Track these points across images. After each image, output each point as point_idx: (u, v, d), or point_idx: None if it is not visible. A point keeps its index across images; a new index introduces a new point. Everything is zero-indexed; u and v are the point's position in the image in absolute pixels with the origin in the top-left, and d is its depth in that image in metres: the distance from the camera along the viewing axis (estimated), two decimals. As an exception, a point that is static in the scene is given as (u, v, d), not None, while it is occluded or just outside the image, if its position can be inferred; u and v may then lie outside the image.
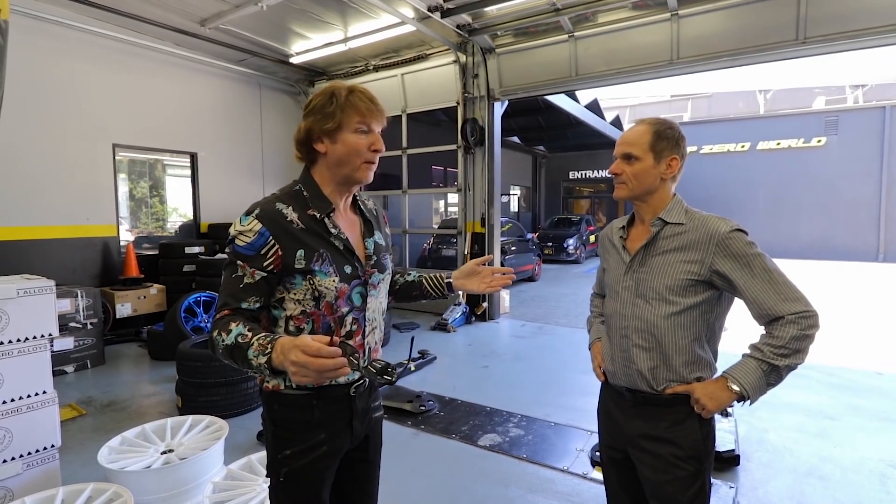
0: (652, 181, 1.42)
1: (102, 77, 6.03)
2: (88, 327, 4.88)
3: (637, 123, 1.47)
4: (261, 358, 1.02)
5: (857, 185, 15.09)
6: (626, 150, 1.44)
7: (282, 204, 1.21)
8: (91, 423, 3.60)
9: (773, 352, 1.26)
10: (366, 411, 1.36)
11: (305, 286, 1.20)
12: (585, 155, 19.09)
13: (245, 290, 1.16)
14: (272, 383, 1.25)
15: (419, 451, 3.17)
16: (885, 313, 7.72)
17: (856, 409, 3.85)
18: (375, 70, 7.61)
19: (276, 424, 1.27)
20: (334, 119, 1.20)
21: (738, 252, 1.30)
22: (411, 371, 4.64)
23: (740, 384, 1.28)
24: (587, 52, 5.97)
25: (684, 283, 1.35)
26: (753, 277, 1.29)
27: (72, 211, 5.85)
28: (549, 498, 2.62)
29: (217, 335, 1.11)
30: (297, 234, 1.19)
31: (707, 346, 1.41)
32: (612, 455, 1.56)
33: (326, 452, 1.27)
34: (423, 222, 11.90)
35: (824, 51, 4.87)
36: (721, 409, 1.34)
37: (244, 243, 1.16)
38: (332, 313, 1.23)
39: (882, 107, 15.00)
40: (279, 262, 1.17)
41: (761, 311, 1.30)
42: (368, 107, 1.21)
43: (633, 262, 1.45)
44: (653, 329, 1.39)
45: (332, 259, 1.22)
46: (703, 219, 1.38)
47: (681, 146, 1.43)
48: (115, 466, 2.42)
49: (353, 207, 1.37)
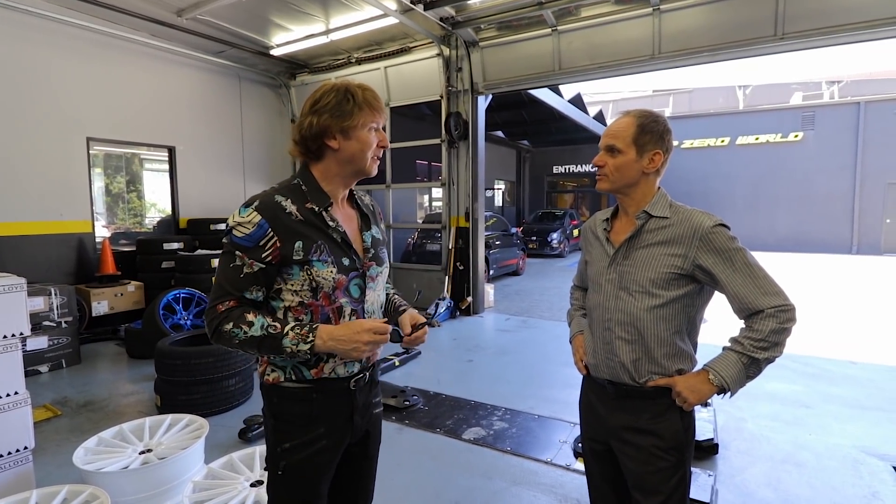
0: (633, 175, 1.42)
1: (76, 68, 5.85)
2: (63, 326, 4.76)
3: (623, 115, 1.46)
4: (302, 346, 1.15)
5: (833, 179, 15.47)
6: (609, 142, 1.43)
7: (281, 196, 1.22)
8: (67, 424, 3.52)
9: (753, 345, 1.28)
10: (367, 406, 1.37)
11: (303, 277, 1.21)
12: (569, 149, 19.21)
13: (245, 280, 1.18)
14: (272, 376, 1.27)
15: (404, 445, 3.17)
16: (858, 304, 7.94)
17: (830, 398, 3.95)
18: (358, 63, 7.52)
19: (276, 418, 1.28)
20: (353, 117, 1.23)
21: (720, 247, 1.32)
22: (396, 366, 4.63)
23: (721, 377, 1.30)
24: (570, 46, 5.98)
25: (667, 276, 1.36)
26: (735, 272, 1.30)
27: (45, 206, 5.68)
28: (533, 489, 2.64)
29: (234, 327, 1.15)
30: (296, 226, 1.21)
31: (688, 338, 1.43)
32: (594, 447, 1.57)
33: (326, 446, 1.28)
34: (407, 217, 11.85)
35: (801, 46, 4.95)
36: (702, 402, 1.36)
37: (243, 234, 1.17)
38: (330, 304, 1.25)
39: (857, 102, 15.37)
40: (277, 253, 1.19)
41: (742, 305, 1.31)
42: (380, 106, 1.28)
43: (618, 254, 1.45)
44: (635, 322, 1.40)
45: (330, 250, 1.24)
46: (688, 213, 1.39)
47: (665, 140, 1.43)
48: (92, 467, 2.36)
49: (350, 202, 1.39)
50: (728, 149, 17.01)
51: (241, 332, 1.15)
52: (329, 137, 1.25)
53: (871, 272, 11.48)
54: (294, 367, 1.25)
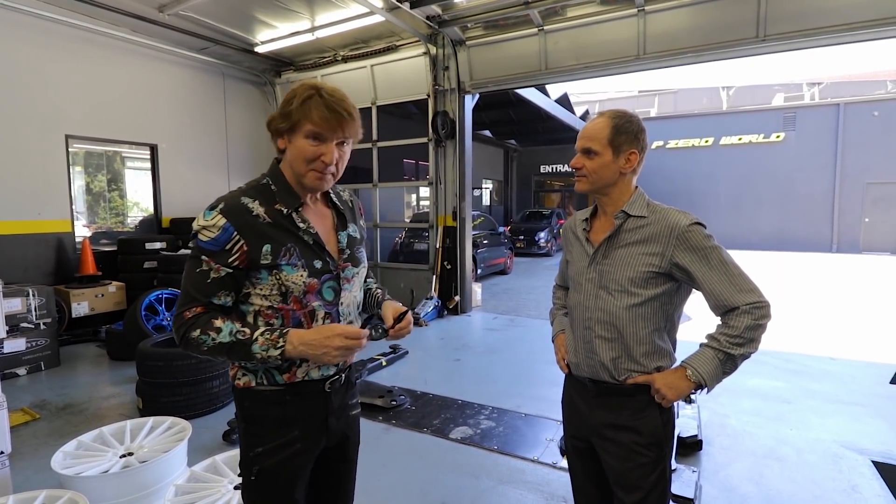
0: (611, 175, 1.43)
1: (55, 64, 5.72)
2: (41, 327, 4.65)
3: (598, 116, 1.46)
4: (272, 351, 1.11)
5: (813, 179, 15.77)
6: (585, 144, 1.44)
7: (247, 198, 1.18)
8: (45, 428, 3.44)
9: (729, 341, 1.30)
10: (343, 408, 1.34)
11: (272, 281, 1.17)
12: (556, 149, 19.31)
13: (213, 285, 1.14)
14: (243, 380, 1.23)
15: (391, 445, 3.15)
16: (837, 302, 8.11)
17: (810, 393, 4.02)
18: (344, 61, 7.47)
19: (248, 421, 1.25)
20: (289, 119, 1.16)
21: (696, 245, 1.34)
22: (383, 366, 4.61)
23: (698, 374, 1.32)
24: (556, 45, 6.01)
25: (645, 275, 1.38)
26: (711, 269, 1.32)
27: (22, 205, 5.54)
28: (520, 488, 2.64)
29: (201, 334, 1.11)
30: (264, 228, 1.17)
31: (666, 336, 1.44)
32: (577, 445, 1.58)
33: (300, 450, 1.25)
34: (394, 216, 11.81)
35: (783, 48, 5.04)
36: (680, 398, 1.37)
37: (208, 238, 1.13)
38: (301, 308, 1.21)
39: (836, 104, 15.68)
40: (244, 257, 1.15)
41: (717, 302, 1.34)
42: (323, 115, 1.14)
43: (597, 254, 1.46)
44: (615, 320, 1.41)
45: (301, 254, 1.20)
46: (664, 212, 1.41)
47: (640, 139, 1.44)
48: (70, 472, 2.31)
49: (324, 200, 1.34)
50: (712, 149, 17.25)
51: (209, 339, 1.11)
52: (276, 136, 1.21)
53: (851, 270, 11.73)
54: (266, 372, 1.22)
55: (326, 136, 1.16)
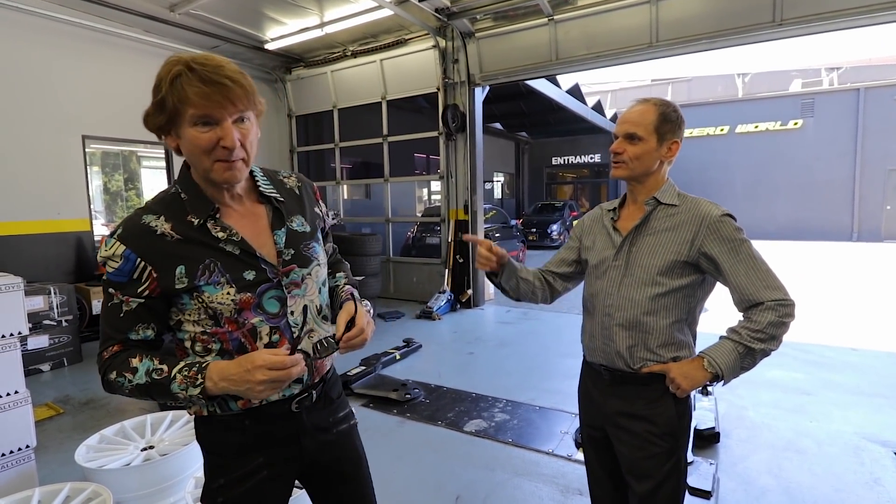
0: (652, 163, 1.42)
1: (70, 66, 5.80)
2: (63, 325, 4.76)
3: (640, 102, 1.45)
4: (192, 390, 0.97)
5: (832, 166, 15.43)
6: (629, 129, 1.41)
7: (150, 215, 1.01)
8: (69, 422, 3.52)
9: (751, 335, 1.29)
10: (321, 429, 1.19)
11: (195, 305, 1.02)
12: (568, 140, 19.14)
13: (126, 319, 1.01)
14: (193, 409, 1.11)
15: (405, 438, 3.17)
16: (858, 292, 7.94)
17: (831, 385, 3.95)
18: (354, 56, 7.47)
19: (207, 451, 1.14)
20: (164, 109, 0.95)
21: (726, 236, 1.32)
22: (397, 360, 4.63)
23: (716, 364, 1.31)
24: (567, 35, 5.93)
25: (672, 264, 1.37)
26: (739, 262, 1.31)
27: (42, 205, 5.66)
28: (535, 480, 2.65)
29: (117, 377, 0.98)
30: (173, 248, 1.00)
31: (686, 328, 1.43)
32: (592, 434, 1.58)
33: (269, 476, 1.12)
34: (406, 210, 11.83)
35: (800, 32, 4.91)
36: (695, 388, 1.36)
37: (113, 269, 0.99)
38: (238, 328, 1.04)
39: (856, 89, 15.30)
40: (155, 285, 1.00)
41: (742, 297, 1.32)
42: (201, 92, 0.92)
43: (625, 242, 1.45)
44: (636, 309, 1.40)
45: (225, 268, 1.02)
46: (695, 202, 1.41)
47: (682, 129, 1.44)
48: (94, 465, 2.36)
49: (255, 195, 1.13)
50: (727, 137, 16.95)
51: (125, 382, 0.98)
52: (161, 135, 1.00)
53: (872, 259, 11.47)
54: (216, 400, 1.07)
55: (216, 115, 0.95)
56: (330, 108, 8.12)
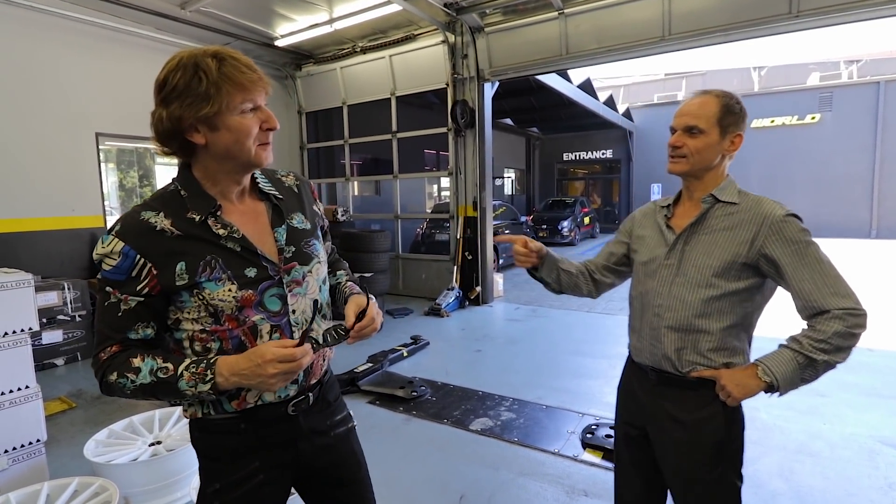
0: (713, 157, 1.35)
1: (82, 64, 5.87)
2: (77, 319, 4.84)
3: (700, 94, 1.39)
4: (201, 386, 0.96)
5: (851, 161, 15.08)
6: (689, 121, 1.35)
7: (150, 212, 1.00)
8: (81, 416, 3.58)
9: (813, 345, 1.20)
10: (319, 432, 1.18)
11: (196, 302, 1.01)
12: (580, 136, 18.97)
13: (125, 318, 0.99)
14: (190, 411, 1.09)
15: (411, 436, 3.17)
16: (877, 290, 7.76)
17: (846, 386, 3.86)
18: (363, 52, 7.45)
19: (202, 455, 1.12)
20: (211, 102, 0.95)
21: (791, 237, 1.24)
22: (404, 357, 4.63)
23: (772, 373, 1.22)
24: (577, 29, 5.86)
25: (729, 265, 1.29)
26: (804, 266, 1.22)
27: (56, 202, 5.74)
28: (540, 480, 2.62)
29: (119, 378, 0.96)
30: (173, 244, 0.99)
31: (742, 333, 1.35)
32: (629, 432, 1.52)
33: (265, 481, 1.10)
34: (416, 207, 11.82)
35: (818, 24, 4.79)
36: (747, 398, 1.28)
37: (110, 267, 0.97)
38: (238, 326, 1.03)
39: (876, 82, 14.92)
40: (155, 282, 0.98)
41: (807, 303, 1.23)
42: (251, 77, 0.98)
43: (679, 240, 1.39)
44: (687, 311, 1.34)
45: (226, 265, 1.02)
46: (757, 200, 1.33)
47: (745, 122, 1.37)
48: (102, 460, 2.40)
49: (254, 193, 1.14)
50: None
51: (127, 382, 0.96)
52: (189, 132, 0.98)
53: (892, 257, 11.21)
54: (211, 401, 1.07)
55: (259, 101, 1.01)
56: (339, 105, 8.13)
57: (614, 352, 4.79)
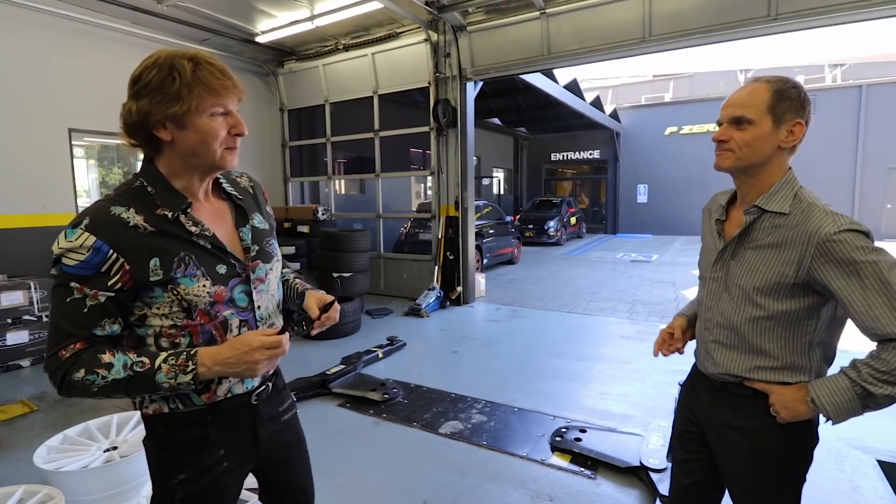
0: (766, 151, 1.20)
1: (55, 58, 5.73)
2: (44, 320, 4.71)
3: (751, 82, 1.24)
4: (182, 377, 0.97)
5: (833, 164, 15.26)
6: (735, 112, 1.21)
7: (119, 207, 0.99)
8: (41, 420, 3.48)
9: (873, 375, 1.08)
10: (273, 418, 1.24)
11: (168, 298, 1.01)
12: (567, 136, 19.00)
13: (91, 314, 0.96)
14: (152, 407, 1.08)
15: (379, 439, 3.11)
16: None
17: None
18: (346, 49, 7.37)
19: (165, 448, 1.10)
20: (181, 102, 0.98)
21: (842, 258, 1.08)
22: (379, 358, 4.57)
23: (820, 403, 1.13)
24: (559, 29, 5.83)
25: (776, 286, 1.17)
26: (862, 289, 1.07)
27: (26, 199, 5.60)
28: (505, 485, 2.58)
29: (87, 376, 0.93)
30: (147, 240, 1.00)
31: (812, 351, 1.22)
32: (689, 429, 1.46)
33: (229, 468, 1.14)
34: (402, 206, 11.75)
35: (796, 27, 4.79)
36: (797, 420, 1.20)
37: (76, 262, 0.94)
38: (210, 321, 1.06)
39: (859, 86, 15.12)
40: (128, 277, 0.97)
41: (867, 327, 1.10)
42: (223, 84, 1.01)
43: (725, 251, 1.29)
44: (733, 331, 1.26)
45: (199, 261, 1.05)
46: (807, 211, 1.16)
47: (806, 109, 1.21)
48: (51, 467, 2.32)
49: (216, 193, 1.18)
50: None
51: (97, 379, 0.93)
52: (156, 127, 1.00)
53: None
54: (179, 396, 1.06)
55: (229, 105, 1.04)
56: (322, 103, 8.04)
57: (593, 353, 4.77)
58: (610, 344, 5.12)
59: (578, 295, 7.70)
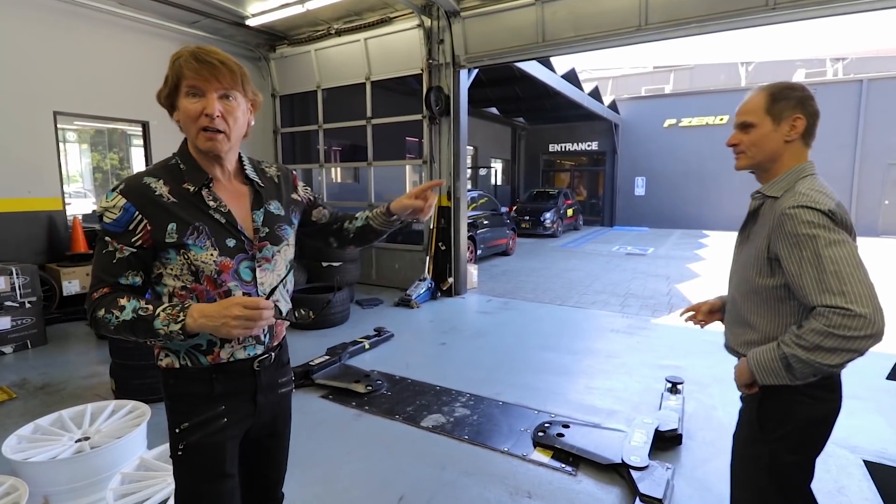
0: (773, 146, 1.36)
1: (39, 39, 5.59)
2: (27, 306, 4.65)
3: (754, 92, 1.42)
4: (173, 326, 1.09)
5: (832, 158, 15.16)
6: (741, 119, 1.40)
7: (151, 178, 1.17)
8: (20, 408, 3.43)
9: (791, 339, 1.19)
10: (272, 386, 1.35)
11: (180, 260, 1.17)
12: (565, 127, 18.83)
13: (118, 265, 1.15)
14: (165, 361, 1.23)
15: (360, 432, 3.07)
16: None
17: (806, 384, 3.84)
18: (338, 34, 7.23)
19: (173, 399, 1.25)
20: (167, 84, 1.16)
21: (790, 231, 1.20)
22: (366, 349, 4.52)
23: (750, 364, 1.29)
24: (554, 16, 5.71)
25: (756, 260, 1.33)
26: (800, 261, 1.18)
27: (10, 183, 5.50)
28: (484, 481, 2.55)
29: (106, 314, 1.11)
30: (168, 207, 1.15)
31: None
32: None
33: (227, 424, 1.25)
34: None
35: (794, 17, 4.69)
36: (744, 385, 1.36)
37: (111, 220, 1.13)
38: (216, 288, 1.19)
39: (859, 80, 14.98)
40: (148, 236, 1.14)
41: (800, 297, 1.22)
42: (193, 67, 1.12)
43: (742, 232, 1.46)
44: (734, 306, 1.44)
45: (211, 232, 1.18)
46: (789, 193, 1.28)
47: (806, 105, 1.34)
48: (20, 457, 2.27)
49: (240, 177, 1.31)
50: (726, 127, 16.64)
51: (112, 318, 1.11)
52: (171, 111, 1.19)
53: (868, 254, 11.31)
54: (188, 353, 1.21)
55: (203, 87, 1.14)
56: (314, 89, 7.91)
57: (581, 346, 4.73)
58: (599, 337, 5.08)
59: (571, 287, 7.66)
